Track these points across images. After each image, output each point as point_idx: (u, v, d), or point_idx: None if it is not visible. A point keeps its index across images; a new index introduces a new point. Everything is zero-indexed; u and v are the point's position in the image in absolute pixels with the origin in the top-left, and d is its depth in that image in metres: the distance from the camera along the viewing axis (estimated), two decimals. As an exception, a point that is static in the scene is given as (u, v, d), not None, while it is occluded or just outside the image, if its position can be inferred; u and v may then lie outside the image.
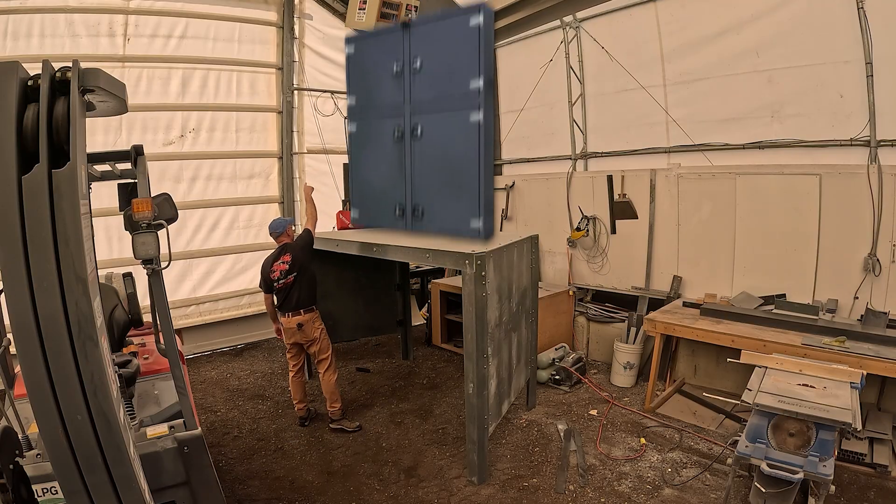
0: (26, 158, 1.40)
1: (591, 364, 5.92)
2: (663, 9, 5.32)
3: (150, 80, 6.07)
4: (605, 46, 5.85)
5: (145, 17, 5.92)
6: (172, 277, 6.22)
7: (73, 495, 1.52)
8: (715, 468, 3.69)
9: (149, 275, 2.26)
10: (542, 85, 6.60)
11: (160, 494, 2.18)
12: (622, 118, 5.96)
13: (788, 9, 4.46)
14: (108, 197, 2.78)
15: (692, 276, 5.48)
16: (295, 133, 7.30)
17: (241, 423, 4.72)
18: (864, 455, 3.59)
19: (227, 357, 6.64)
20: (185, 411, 2.38)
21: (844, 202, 4.37)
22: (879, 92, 4.12)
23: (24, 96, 1.43)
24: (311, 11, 7.21)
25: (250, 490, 3.66)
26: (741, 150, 4.99)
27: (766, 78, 4.71)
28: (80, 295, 1.43)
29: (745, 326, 4.27)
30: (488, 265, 3.52)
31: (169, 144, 6.29)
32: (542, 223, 6.79)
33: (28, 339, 1.40)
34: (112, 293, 3.21)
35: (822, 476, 2.68)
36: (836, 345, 3.68)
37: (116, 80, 1.64)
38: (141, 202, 2.13)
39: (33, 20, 5.30)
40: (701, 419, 4.49)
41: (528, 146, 7.11)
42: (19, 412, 2.16)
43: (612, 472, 3.77)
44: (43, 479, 1.92)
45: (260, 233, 7.14)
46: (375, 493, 3.61)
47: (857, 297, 4.36)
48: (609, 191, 6.05)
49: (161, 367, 3.01)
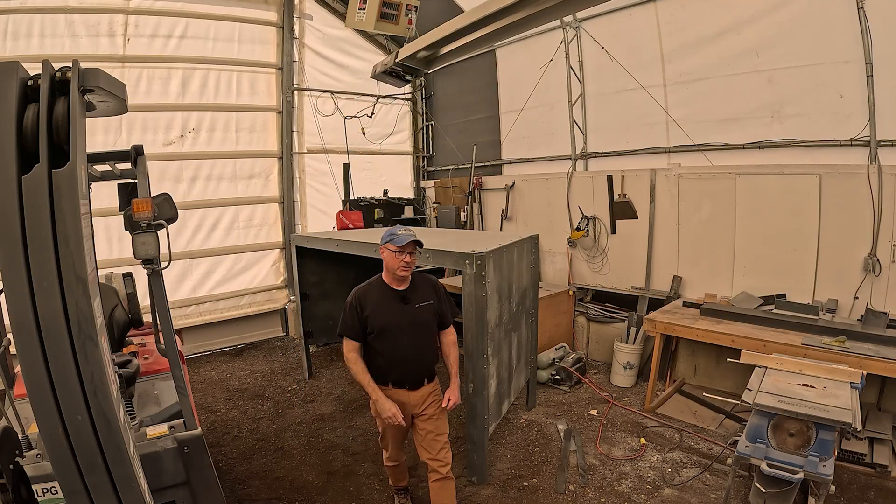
0: (26, 158, 1.40)
1: (591, 364, 5.92)
2: (663, 9, 5.32)
3: (150, 80, 6.07)
4: (605, 46, 5.84)
5: (145, 17, 5.93)
6: (172, 277, 6.22)
7: (73, 495, 1.51)
8: (715, 468, 3.69)
9: (149, 275, 2.26)
10: (542, 85, 6.60)
11: (160, 494, 2.18)
12: (622, 118, 5.96)
13: (788, 9, 4.46)
14: (108, 197, 2.77)
15: (692, 276, 5.48)
16: (295, 133, 7.31)
17: (241, 423, 4.72)
18: (864, 455, 3.59)
19: (227, 357, 6.64)
20: (185, 411, 2.38)
21: (844, 202, 4.37)
22: (879, 92, 4.12)
23: (24, 96, 1.43)
24: (311, 11, 7.21)
25: (250, 490, 3.66)
26: (741, 150, 4.99)
27: (766, 78, 4.71)
28: (80, 295, 1.43)
29: (745, 326, 4.26)
30: (488, 265, 3.52)
31: (169, 144, 6.29)
32: (542, 223, 6.79)
33: (28, 339, 1.40)
34: (112, 293, 3.21)
35: (822, 476, 2.68)
36: (836, 345, 3.68)
37: (116, 80, 1.64)
38: (141, 202, 2.12)
39: (33, 20, 5.30)
40: (701, 419, 4.49)
41: (528, 146, 7.11)
42: (19, 412, 2.16)
43: (612, 472, 3.77)
44: (43, 479, 1.92)
45: (260, 232, 7.16)
46: (375, 493, 3.61)
47: (857, 297, 4.36)
48: (609, 191, 6.05)
49: (161, 367, 3.00)
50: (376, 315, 2.84)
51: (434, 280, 3.11)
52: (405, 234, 2.80)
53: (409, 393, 2.92)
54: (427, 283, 3.03)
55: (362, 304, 2.87)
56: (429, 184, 8.79)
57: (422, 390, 2.95)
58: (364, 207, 7.51)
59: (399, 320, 2.85)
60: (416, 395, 2.94)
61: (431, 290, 3.01)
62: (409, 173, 8.86)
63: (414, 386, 2.93)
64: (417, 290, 2.95)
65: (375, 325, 2.84)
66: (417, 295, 2.93)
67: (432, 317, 2.97)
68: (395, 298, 2.88)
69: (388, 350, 2.84)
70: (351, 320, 2.87)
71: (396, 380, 2.90)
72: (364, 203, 7.59)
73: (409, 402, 2.92)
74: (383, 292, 2.91)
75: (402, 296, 2.89)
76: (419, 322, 2.91)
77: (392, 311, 2.86)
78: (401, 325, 2.85)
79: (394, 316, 2.85)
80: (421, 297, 2.93)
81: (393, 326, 2.84)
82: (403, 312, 2.87)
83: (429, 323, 2.96)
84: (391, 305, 2.87)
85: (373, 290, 2.94)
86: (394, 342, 2.83)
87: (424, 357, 2.97)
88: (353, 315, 2.86)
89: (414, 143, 8.80)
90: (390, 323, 2.84)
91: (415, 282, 2.97)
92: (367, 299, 2.88)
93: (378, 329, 2.83)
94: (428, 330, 2.97)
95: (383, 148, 8.30)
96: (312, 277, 5.73)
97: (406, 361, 2.87)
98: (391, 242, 2.79)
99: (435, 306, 2.97)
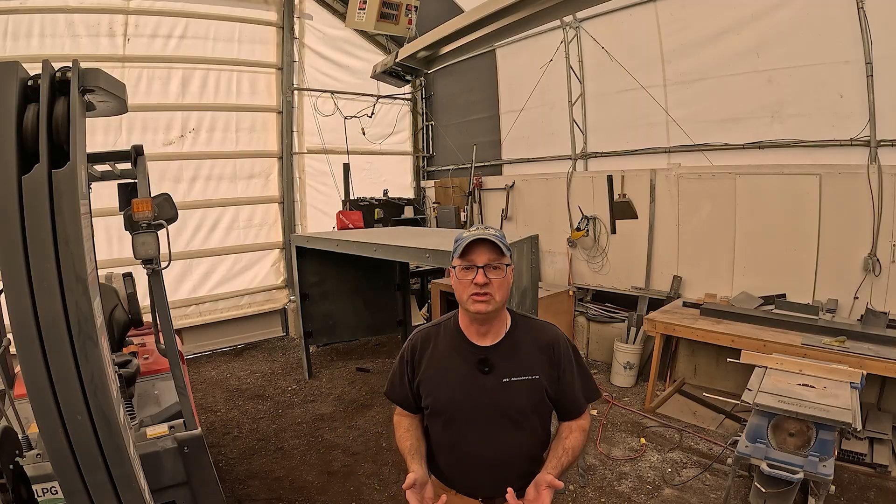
0: (26, 158, 1.40)
1: (591, 364, 5.92)
2: (663, 9, 5.32)
3: (150, 80, 6.07)
4: (605, 46, 5.84)
5: (145, 17, 5.93)
6: (172, 277, 6.22)
7: (73, 495, 1.51)
8: (715, 468, 3.69)
9: (149, 275, 2.26)
10: (543, 85, 6.60)
11: (160, 494, 2.18)
12: (622, 118, 5.96)
13: (788, 9, 4.46)
14: (108, 197, 2.77)
15: (692, 276, 5.48)
16: (295, 133, 7.31)
17: (241, 423, 4.71)
18: (864, 455, 3.59)
19: (227, 357, 6.64)
20: (185, 411, 2.38)
21: (844, 202, 4.36)
22: (879, 92, 4.11)
23: (24, 96, 1.43)
24: (311, 11, 7.21)
25: (250, 490, 3.66)
26: (741, 150, 4.99)
27: (766, 78, 4.71)
28: (80, 295, 1.43)
29: (745, 326, 4.26)
30: (488, 265, 3.50)
31: (169, 144, 6.29)
32: (542, 223, 6.79)
33: (28, 339, 1.40)
34: (112, 293, 3.21)
35: (822, 476, 2.68)
36: (836, 345, 3.68)
37: (116, 80, 1.64)
38: (141, 202, 2.13)
39: (33, 20, 5.30)
40: (701, 419, 4.49)
41: (528, 146, 7.11)
42: (19, 412, 2.16)
43: (612, 471, 3.77)
44: (43, 479, 1.92)
45: (260, 232, 7.16)
46: (375, 493, 3.61)
47: (857, 297, 4.35)
48: (609, 191, 6.05)
49: (161, 367, 3.01)
50: (433, 384, 1.69)
51: (554, 333, 1.72)
52: (472, 234, 1.58)
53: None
54: (538, 341, 1.69)
55: (416, 358, 1.73)
56: (429, 184, 8.79)
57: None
58: (364, 207, 7.51)
59: (469, 401, 1.64)
60: None
61: (542, 353, 1.67)
62: (409, 173, 8.86)
63: (491, 499, 1.70)
64: (514, 350, 1.66)
65: (430, 401, 1.69)
66: (513, 358, 1.65)
67: (533, 402, 1.66)
68: (469, 359, 1.65)
69: (448, 441, 1.70)
70: (400, 382, 1.77)
71: (464, 485, 1.72)
72: (364, 203, 7.59)
73: None
74: (452, 344, 1.70)
75: (481, 357, 1.64)
76: (506, 409, 1.63)
77: (460, 382, 1.65)
78: (471, 410, 1.64)
79: (462, 392, 1.64)
80: (518, 365, 1.64)
81: (458, 410, 1.65)
82: (480, 389, 1.63)
83: (524, 412, 1.65)
84: (461, 372, 1.65)
85: (440, 335, 1.74)
86: (457, 433, 1.67)
87: (510, 459, 1.67)
88: (403, 374, 1.76)
89: (414, 143, 8.80)
90: (454, 404, 1.65)
91: (515, 333, 1.68)
92: (425, 352, 1.73)
93: (434, 407, 1.69)
94: (522, 423, 1.66)
95: (383, 148, 8.30)
96: (312, 277, 5.73)
97: (477, 464, 1.67)
98: (454, 255, 1.61)
99: (542, 384, 1.65)
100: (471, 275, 1.55)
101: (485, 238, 1.54)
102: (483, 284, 1.53)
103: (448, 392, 1.66)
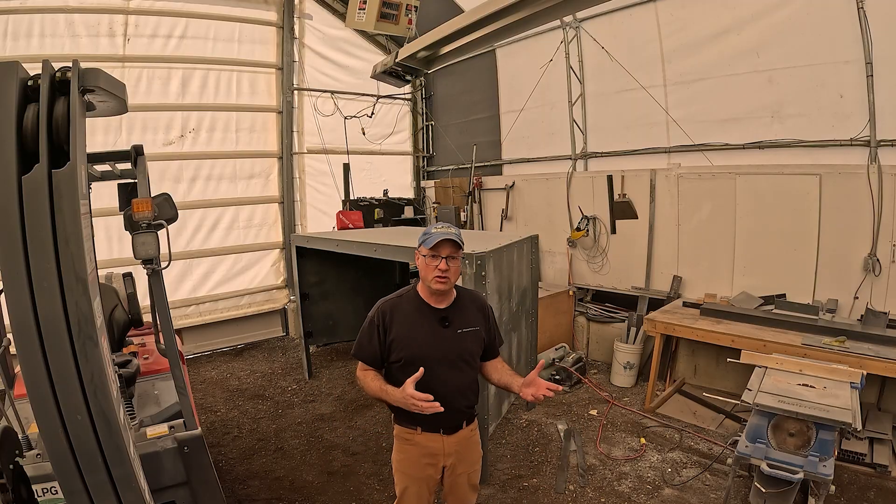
0: (26, 158, 1.40)
1: (591, 364, 5.92)
2: (663, 9, 5.32)
3: (150, 80, 6.07)
4: (605, 46, 5.85)
5: (145, 17, 5.93)
6: (172, 277, 6.22)
7: (73, 495, 1.51)
8: (715, 468, 3.69)
9: (149, 275, 2.26)
10: (543, 85, 6.60)
11: (160, 494, 2.18)
12: (622, 118, 5.96)
13: (788, 9, 4.46)
14: (108, 197, 2.77)
15: (692, 276, 5.48)
16: (295, 133, 7.32)
17: (241, 423, 4.72)
18: (864, 455, 3.59)
19: (227, 357, 6.64)
20: (185, 411, 2.38)
21: (844, 202, 4.37)
22: (879, 92, 4.12)
23: (24, 96, 1.43)
24: (311, 11, 7.22)
25: (250, 490, 3.66)
26: (741, 151, 4.99)
27: (766, 78, 4.71)
28: (80, 295, 1.43)
29: (745, 326, 4.26)
30: (488, 265, 3.51)
31: (169, 144, 6.29)
32: (542, 223, 6.79)
33: (28, 339, 1.40)
34: (112, 293, 3.21)
35: (822, 476, 2.68)
36: (836, 345, 3.68)
37: (116, 80, 1.64)
38: (141, 202, 2.13)
39: (33, 20, 5.30)
40: (701, 419, 4.49)
41: (528, 146, 7.12)
42: (19, 412, 2.16)
43: (612, 472, 3.77)
44: (43, 479, 1.92)
45: (260, 232, 7.16)
46: (375, 493, 3.61)
47: (857, 297, 4.36)
48: (609, 191, 6.05)
49: (161, 367, 3.01)
50: (405, 340, 2.20)
51: (483, 300, 2.48)
52: (439, 232, 2.15)
53: (444, 438, 2.27)
54: (475, 304, 2.37)
55: (387, 322, 2.22)
56: (429, 184, 8.79)
57: (459, 435, 2.30)
58: (364, 207, 7.51)
59: (435, 349, 2.20)
60: (452, 442, 2.29)
61: (480, 312, 2.35)
62: (409, 173, 8.86)
63: (450, 430, 2.28)
64: (462, 311, 2.29)
65: (404, 353, 2.19)
66: (462, 317, 2.28)
67: (478, 347, 2.32)
68: (431, 319, 2.22)
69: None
70: (369, 342, 2.25)
71: (428, 422, 2.20)
72: (364, 203, 7.59)
73: (442, 450, 2.28)
74: (417, 309, 2.24)
75: (441, 316, 2.23)
76: (461, 352, 2.25)
77: (427, 335, 2.21)
78: (437, 355, 2.19)
79: (429, 342, 2.20)
80: (466, 321, 2.28)
81: (427, 357, 2.17)
82: (442, 339, 2.21)
83: (473, 354, 2.30)
84: (426, 328, 2.21)
85: (403, 304, 2.27)
86: (427, 376, 2.11)
87: (465, 396, 2.29)
88: (373, 335, 2.23)
89: (414, 143, 8.80)
90: (424, 352, 2.18)
91: (461, 300, 2.32)
92: (394, 317, 2.23)
93: (407, 358, 2.19)
94: (471, 363, 2.31)
95: (383, 148, 8.30)
96: (312, 277, 5.73)
97: (441, 399, 2.08)
98: (423, 244, 2.17)
99: (482, 334, 2.33)
100: (436, 262, 2.14)
101: (450, 237, 2.14)
102: (445, 270, 2.14)
103: (418, 343, 2.20)
